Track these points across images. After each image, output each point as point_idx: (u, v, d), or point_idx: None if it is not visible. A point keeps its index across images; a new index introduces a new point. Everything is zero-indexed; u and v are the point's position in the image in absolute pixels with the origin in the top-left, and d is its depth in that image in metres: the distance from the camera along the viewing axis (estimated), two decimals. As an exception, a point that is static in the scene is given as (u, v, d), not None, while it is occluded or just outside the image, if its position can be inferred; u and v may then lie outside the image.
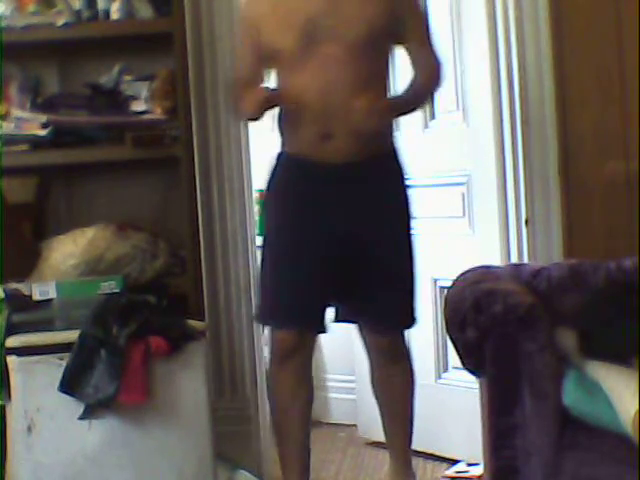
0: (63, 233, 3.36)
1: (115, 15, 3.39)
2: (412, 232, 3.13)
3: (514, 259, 3.50)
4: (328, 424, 4.37)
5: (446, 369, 3.85)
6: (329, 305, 3.15)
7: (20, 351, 2.99)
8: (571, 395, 2.45)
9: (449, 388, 3.81)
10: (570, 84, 3.51)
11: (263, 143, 4.00)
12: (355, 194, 3.03)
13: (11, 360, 2.99)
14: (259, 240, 4.02)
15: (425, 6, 3.18)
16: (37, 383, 2.97)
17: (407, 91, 3.11)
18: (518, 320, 2.43)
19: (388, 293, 3.07)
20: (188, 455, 3.04)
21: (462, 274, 2.72)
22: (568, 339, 2.55)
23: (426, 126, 3.85)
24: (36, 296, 3.13)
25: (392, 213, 3.09)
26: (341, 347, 3.10)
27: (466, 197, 3.73)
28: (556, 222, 3.52)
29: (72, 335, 2.98)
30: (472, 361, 2.52)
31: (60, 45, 3.49)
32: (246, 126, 3.69)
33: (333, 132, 2.98)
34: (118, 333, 2.96)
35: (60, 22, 3.35)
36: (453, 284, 2.69)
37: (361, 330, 3.20)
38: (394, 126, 3.16)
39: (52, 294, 3.13)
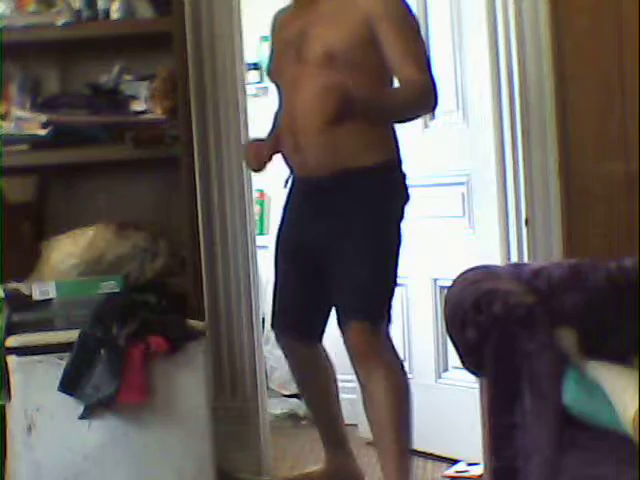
0: (63, 233, 3.36)
1: (115, 15, 3.39)
2: (380, 246, 3.08)
3: (514, 259, 3.50)
4: (328, 424, 4.36)
5: (446, 369, 3.85)
6: (318, 316, 3.28)
7: (20, 351, 3.00)
8: (571, 395, 2.45)
9: (449, 388, 3.81)
10: (570, 84, 3.51)
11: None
12: (320, 208, 3.11)
13: (11, 360, 2.99)
14: (259, 240, 4.04)
15: (415, 28, 3.05)
16: (37, 383, 2.97)
17: (383, 95, 3.07)
18: (518, 320, 2.43)
19: (344, 292, 3.08)
20: (188, 455, 3.04)
21: (462, 274, 2.72)
22: (568, 339, 2.55)
23: (426, 126, 3.85)
24: (36, 296, 3.13)
25: (351, 228, 3.06)
26: (341, 347, 3.11)
27: (466, 197, 3.73)
28: (556, 222, 3.52)
29: (72, 335, 2.98)
30: (472, 361, 2.52)
31: (60, 45, 3.49)
32: (246, 126, 3.69)
33: (300, 146, 3.08)
34: (118, 333, 2.96)
35: (60, 22, 3.34)
36: (453, 284, 2.69)
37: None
38: (378, 142, 3.09)
39: (52, 294, 3.13)
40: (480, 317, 2.46)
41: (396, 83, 3.10)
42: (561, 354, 2.50)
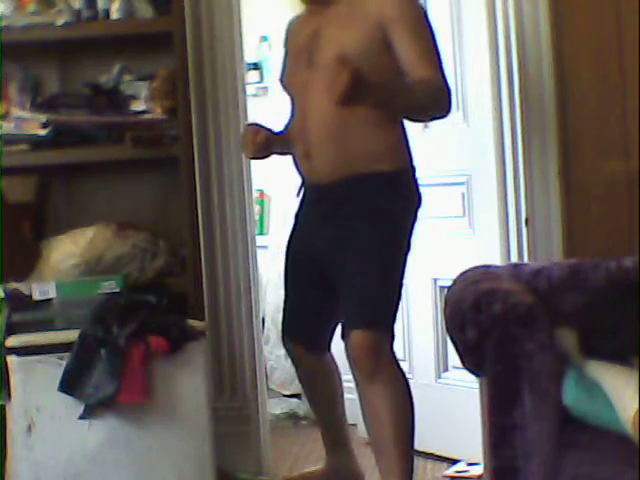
0: (63, 233, 3.36)
1: (115, 15, 3.40)
2: (388, 256, 3.03)
3: (514, 259, 3.50)
4: (328, 424, 4.36)
5: (446, 369, 3.85)
6: (327, 326, 3.28)
7: (20, 351, 2.99)
8: (571, 395, 2.45)
9: (449, 388, 3.81)
10: (570, 84, 3.51)
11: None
12: (330, 215, 3.09)
13: (11, 360, 2.99)
14: (259, 240, 4.04)
15: (429, 31, 3.02)
16: (37, 383, 2.97)
17: (397, 83, 3.01)
18: (518, 320, 2.42)
19: (348, 300, 3.05)
20: (188, 455, 3.03)
21: (462, 274, 2.72)
22: (568, 339, 2.55)
23: (426, 126, 3.84)
24: (36, 296, 3.13)
25: (358, 232, 3.02)
26: (341, 347, 3.11)
27: (466, 197, 3.73)
28: (556, 222, 3.52)
29: (72, 335, 2.98)
30: (472, 361, 2.52)
31: (60, 45, 3.50)
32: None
33: (310, 152, 3.06)
34: (118, 333, 2.96)
35: (60, 22, 3.35)
36: (453, 284, 2.69)
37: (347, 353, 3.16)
38: (389, 148, 3.06)
39: (52, 294, 3.13)
40: (480, 317, 2.46)
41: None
42: (561, 354, 2.51)
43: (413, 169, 3.12)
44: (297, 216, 3.28)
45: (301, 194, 3.26)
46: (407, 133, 3.13)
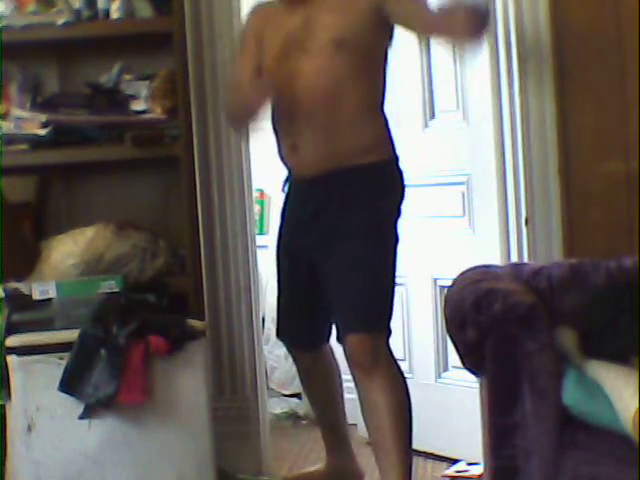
0: (63, 233, 3.36)
1: (115, 14, 3.40)
2: (377, 250, 3.03)
3: (514, 259, 3.50)
4: (328, 424, 4.36)
5: (446, 369, 3.85)
6: (321, 322, 3.25)
7: (20, 350, 3.00)
8: (571, 395, 2.45)
9: (449, 388, 3.81)
10: (570, 84, 3.51)
11: (263, 143, 4.00)
12: (317, 209, 3.08)
13: (11, 359, 2.99)
14: (259, 240, 4.03)
15: None
16: (37, 382, 2.97)
17: None
18: (518, 319, 2.43)
19: (341, 302, 3.05)
20: (188, 455, 3.04)
21: (462, 274, 2.72)
22: (568, 339, 2.55)
23: (426, 126, 3.85)
24: (36, 296, 3.14)
25: (348, 227, 3.02)
26: (341, 347, 3.12)
27: (466, 197, 3.72)
28: (556, 222, 3.52)
29: (72, 335, 2.98)
30: (472, 360, 2.52)
31: (60, 45, 3.50)
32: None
33: (298, 144, 3.05)
34: (118, 332, 2.96)
35: (60, 21, 3.35)
36: (453, 284, 2.69)
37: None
38: (374, 140, 3.08)
39: (52, 294, 3.13)
40: (480, 317, 2.46)
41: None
42: (561, 354, 2.51)
43: (397, 159, 3.12)
44: (284, 213, 3.26)
45: (286, 189, 3.24)
46: (388, 123, 3.13)
